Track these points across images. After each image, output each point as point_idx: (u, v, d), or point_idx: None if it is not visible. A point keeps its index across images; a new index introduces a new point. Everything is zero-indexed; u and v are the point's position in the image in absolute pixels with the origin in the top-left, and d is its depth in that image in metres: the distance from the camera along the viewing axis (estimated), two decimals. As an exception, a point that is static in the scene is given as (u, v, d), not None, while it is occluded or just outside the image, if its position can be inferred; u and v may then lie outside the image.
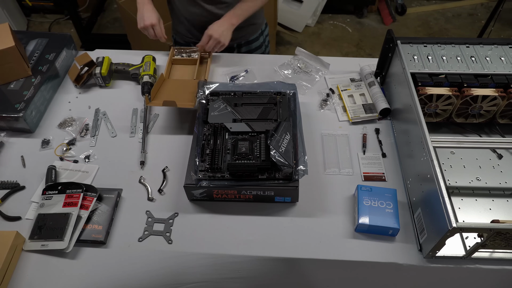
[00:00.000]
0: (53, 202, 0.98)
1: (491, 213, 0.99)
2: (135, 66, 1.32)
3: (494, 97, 1.06)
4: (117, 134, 1.18)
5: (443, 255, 0.90)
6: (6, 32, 1.19)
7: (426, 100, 1.08)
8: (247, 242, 0.95)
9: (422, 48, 1.18)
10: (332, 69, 1.36)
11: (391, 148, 1.13)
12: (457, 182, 1.05)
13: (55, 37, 1.37)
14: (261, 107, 1.09)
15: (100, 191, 1.01)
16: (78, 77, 1.28)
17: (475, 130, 1.15)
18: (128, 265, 0.94)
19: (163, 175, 1.07)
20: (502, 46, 1.17)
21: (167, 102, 1.13)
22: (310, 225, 0.98)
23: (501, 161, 1.09)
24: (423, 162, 0.92)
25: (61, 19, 3.10)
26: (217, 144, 1.01)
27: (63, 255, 0.93)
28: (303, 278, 0.98)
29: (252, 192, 0.98)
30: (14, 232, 0.92)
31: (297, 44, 2.93)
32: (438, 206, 0.82)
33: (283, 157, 0.94)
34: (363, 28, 3.10)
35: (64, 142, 1.15)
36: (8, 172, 1.09)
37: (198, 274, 0.96)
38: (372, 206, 0.95)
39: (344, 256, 0.93)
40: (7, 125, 1.17)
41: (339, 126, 1.20)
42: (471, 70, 1.11)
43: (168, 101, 1.13)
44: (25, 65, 1.22)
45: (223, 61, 1.40)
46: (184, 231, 0.97)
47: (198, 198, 1.01)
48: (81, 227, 0.94)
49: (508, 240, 0.84)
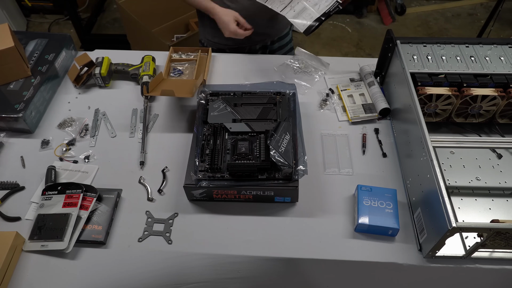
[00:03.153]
0: (52, 202, 0.98)
1: (490, 213, 0.99)
2: (134, 66, 1.32)
3: (493, 97, 1.06)
4: (117, 134, 1.18)
5: (443, 255, 0.90)
6: (5, 32, 1.19)
7: (425, 100, 1.08)
8: (247, 242, 0.95)
9: (422, 48, 1.18)
10: (332, 69, 1.36)
11: (391, 148, 1.13)
12: (456, 182, 1.05)
13: (55, 38, 1.37)
14: (261, 107, 1.09)
15: (100, 192, 1.01)
16: (77, 77, 1.28)
17: (475, 130, 1.15)
18: (128, 265, 0.94)
19: (162, 175, 1.07)
20: (502, 46, 1.17)
21: (165, 91, 1.13)
22: (310, 225, 0.98)
23: (501, 161, 1.09)
24: (423, 162, 0.92)
25: (61, 20, 3.10)
26: (216, 144, 1.01)
27: (63, 256, 0.93)
28: (303, 278, 0.98)
29: (252, 192, 0.98)
30: (14, 233, 0.92)
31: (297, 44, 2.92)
32: (437, 206, 0.82)
33: (282, 157, 0.94)
34: (363, 28, 3.10)
35: (63, 143, 1.15)
36: (8, 172, 1.09)
37: (198, 274, 0.96)
38: (372, 206, 0.95)
39: (344, 256, 0.93)
40: (6, 126, 1.16)
41: (339, 126, 1.20)
42: (470, 70, 1.11)
43: (166, 90, 1.13)
44: (25, 65, 1.22)
45: (222, 61, 1.40)
46: (184, 231, 0.97)
47: (198, 198, 1.01)
48: (81, 227, 0.94)
49: (508, 240, 0.84)
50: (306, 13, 1.06)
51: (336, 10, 1.08)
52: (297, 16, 1.07)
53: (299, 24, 1.06)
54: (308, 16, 1.06)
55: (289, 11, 1.08)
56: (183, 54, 1.37)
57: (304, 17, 1.06)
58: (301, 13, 1.06)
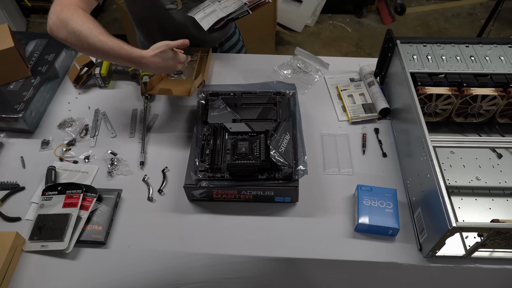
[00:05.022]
0: (53, 202, 0.98)
1: (491, 213, 0.99)
2: (134, 66, 1.32)
3: (493, 97, 1.06)
4: (117, 134, 1.18)
5: (443, 255, 0.90)
6: (5, 33, 1.19)
7: (425, 100, 1.08)
8: (247, 242, 0.95)
9: (422, 47, 1.18)
10: (332, 69, 1.36)
11: (391, 148, 1.13)
12: (457, 182, 1.05)
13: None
14: (261, 107, 1.09)
15: (100, 192, 1.01)
16: (77, 77, 1.28)
17: (475, 129, 1.15)
18: (128, 265, 0.94)
19: (163, 175, 1.07)
20: (502, 45, 1.17)
21: (163, 90, 1.13)
22: (310, 225, 0.98)
23: (501, 161, 1.09)
24: (423, 161, 0.92)
25: (61, 20, 3.10)
26: (216, 144, 1.01)
27: (63, 256, 0.93)
28: (303, 278, 0.98)
29: (252, 192, 0.98)
30: (14, 233, 0.92)
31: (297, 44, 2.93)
32: (438, 206, 0.82)
33: (282, 157, 0.94)
34: (363, 28, 3.10)
35: (63, 143, 1.15)
36: (8, 172, 1.09)
37: (198, 274, 0.96)
38: (372, 206, 0.95)
39: (344, 256, 0.93)
40: (6, 126, 1.16)
41: (339, 126, 1.20)
42: (470, 69, 1.11)
43: (164, 88, 1.13)
44: (25, 65, 1.22)
45: (222, 61, 1.40)
46: (184, 231, 0.97)
47: (198, 198, 1.01)
48: (81, 227, 0.94)
49: (508, 240, 0.84)
50: (214, 14, 1.16)
51: (244, 15, 1.17)
52: (205, 16, 1.16)
53: (204, 22, 1.15)
54: (215, 16, 1.16)
55: (199, 12, 1.17)
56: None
57: (211, 17, 1.16)
58: (210, 14, 1.17)
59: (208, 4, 1.18)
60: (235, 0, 1.16)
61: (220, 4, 1.17)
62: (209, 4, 1.18)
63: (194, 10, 1.19)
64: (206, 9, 1.18)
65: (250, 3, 1.14)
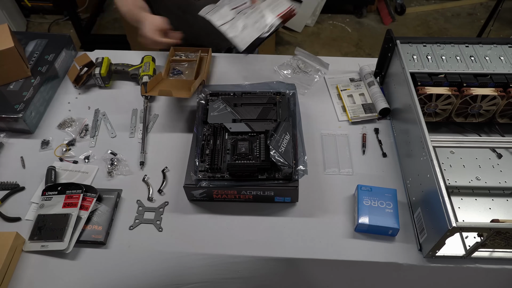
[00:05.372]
0: (52, 202, 0.98)
1: (491, 213, 0.99)
2: (134, 66, 1.32)
3: (493, 97, 1.06)
4: (117, 134, 1.18)
5: (443, 255, 0.90)
6: (5, 33, 1.19)
7: (425, 100, 1.08)
8: (247, 242, 0.95)
9: (422, 47, 1.18)
10: (332, 69, 1.36)
11: (391, 148, 1.13)
12: (456, 182, 1.05)
13: (55, 38, 1.37)
14: (261, 107, 1.09)
15: (100, 192, 1.01)
16: (77, 77, 1.28)
17: (475, 129, 1.15)
18: (128, 265, 0.94)
19: (162, 175, 1.07)
20: (502, 45, 1.17)
21: (163, 91, 1.13)
22: (310, 225, 0.98)
23: (501, 161, 1.09)
24: (423, 161, 0.92)
25: (61, 20, 3.10)
26: (216, 144, 1.01)
27: (63, 256, 0.93)
28: (303, 278, 0.98)
29: (252, 192, 0.98)
30: (14, 233, 0.92)
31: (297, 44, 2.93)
32: (438, 206, 0.82)
33: (282, 157, 0.94)
34: (363, 28, 3.10)
35: (63, 143, 1.15)
36: (8, 173, 1.09)
37: (198, 274, 0.96)
38: (372, 206, 0.95)
39: (344, 256, 0.93)
40: (6, 126, 1.16)
41: (339, 126, 1.20)
42: (470, 69, 1.11)
43: (164, 90, 1.13)
44: (25, 66, 1.22)
45: (222, 61, 1.40)
46: (184, 231, 0.97)
47: (198, 198, 1.01)
48: (81, 227, 0.94)
49: (508, 240, 0.84)
50: (245, 32, 1.04)
51: (276, 30, 1.08)
52: (238, 35, 1.05)
53: (238, 43, 1.05)
54: (248, 36, 1.04)
55: (229, 27, 1.05)
56: (183, 54, 1.37)
57: (243, 36, 1.04)
58: (241, 32, 1.05)
59: (227, 8, 1.05)
60: (256, 9, 1.05)
61: (247, 18, 1.04)
62: (227, 8, 1.05)
63: (216, 15, 1.08)
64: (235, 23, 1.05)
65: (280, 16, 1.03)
